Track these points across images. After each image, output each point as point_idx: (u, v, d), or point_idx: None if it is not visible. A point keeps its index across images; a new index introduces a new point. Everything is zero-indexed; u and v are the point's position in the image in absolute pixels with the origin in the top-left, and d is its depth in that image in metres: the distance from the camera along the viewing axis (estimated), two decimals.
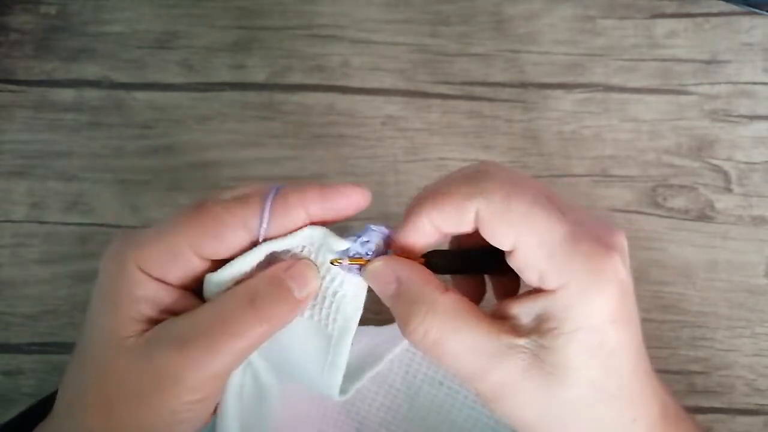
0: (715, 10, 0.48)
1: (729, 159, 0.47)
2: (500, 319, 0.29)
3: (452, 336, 0.28)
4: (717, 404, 0.44)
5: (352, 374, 0.35)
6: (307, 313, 0.31)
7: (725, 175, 0.47)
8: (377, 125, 0.48)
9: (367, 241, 0.30)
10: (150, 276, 0.29)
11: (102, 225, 0.47)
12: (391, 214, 0.45)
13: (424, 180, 0.47)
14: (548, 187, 0.29)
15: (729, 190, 0.46)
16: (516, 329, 0.28)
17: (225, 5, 0.50)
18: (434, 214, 0.28)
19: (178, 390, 0.28)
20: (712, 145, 0.47)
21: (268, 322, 0.29)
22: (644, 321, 0.44)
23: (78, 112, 0.48)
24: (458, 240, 0.33)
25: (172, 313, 0.30)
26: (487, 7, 0.49)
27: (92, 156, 0.48)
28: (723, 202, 0.46)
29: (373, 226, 0.30)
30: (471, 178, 0.29)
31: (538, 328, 0.28)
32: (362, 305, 0.31)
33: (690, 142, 0.47)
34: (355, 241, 0.30)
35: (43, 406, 0.33)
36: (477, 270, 0.33)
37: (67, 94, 0.49)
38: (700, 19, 0.48)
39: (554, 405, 0.28)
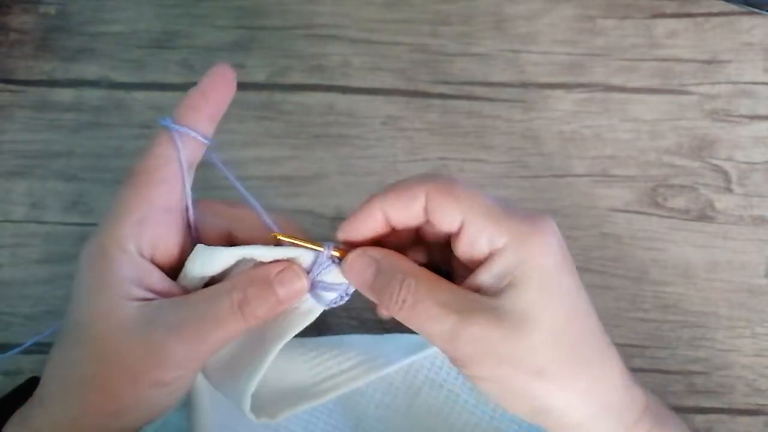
0: (715, 10, 0.48)
1: (729, 159, 0.47)
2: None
3: (427, 296, 0.30)
4: (717, 404, 0.44)
5: (288, 398, 0.36)
6: None
7: (725, 175, 0.47)
8: (377, 125, 0.48)
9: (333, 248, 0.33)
10: (142, 257, 0.32)
11: None
12: None
13: None
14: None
15: (729, 190, 0.46)
16: (482, 291, 0.31)
17: (225, 5, 0.50)
18: (386, 203, 0.31)
19: (169, 366, 0.31)
20: (713, 145, 0.47)
21: (252, 322, 0.32)
22: (644, 321, 0.45)
23: (78, 112, 0.48)
24: None
25: (154, 291, 0.32)
26: (487, 7, 0.49)
27: (92, 156, 0.48)
28: (723, 202, 0.46)
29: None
30: (419, 176, 0.32)
31: (500, 284, 0.30)
32: (305, 324, 0.33)
33: (690, 142, 0.47)
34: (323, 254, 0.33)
35: (16, 396, 0.35)
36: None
37: (67, 94, 0.49)
38: (700, 19, 0.48)
39: (526, 353, 0.29)
